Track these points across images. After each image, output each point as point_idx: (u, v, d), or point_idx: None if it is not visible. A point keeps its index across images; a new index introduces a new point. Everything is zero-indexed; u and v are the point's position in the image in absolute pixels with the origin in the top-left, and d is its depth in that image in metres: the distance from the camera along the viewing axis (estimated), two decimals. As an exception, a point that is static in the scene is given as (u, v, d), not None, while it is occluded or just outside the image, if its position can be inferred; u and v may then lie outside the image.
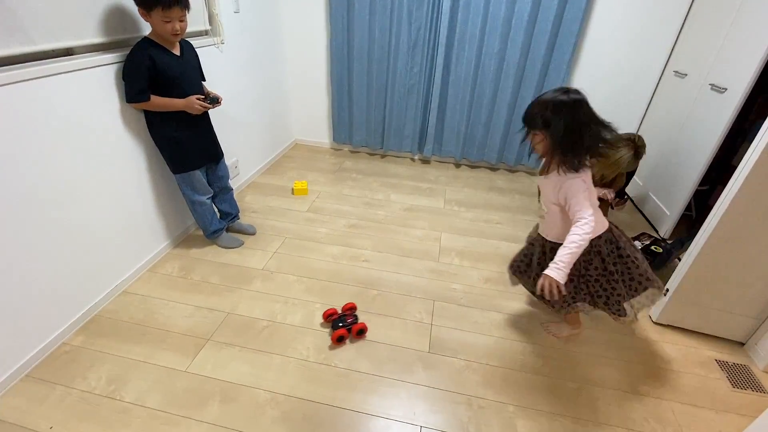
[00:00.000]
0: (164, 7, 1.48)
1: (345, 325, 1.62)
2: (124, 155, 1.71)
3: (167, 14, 1.50)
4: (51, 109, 1.39)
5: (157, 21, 1.51)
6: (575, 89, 1.22)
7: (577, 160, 1.23)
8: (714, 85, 2.15)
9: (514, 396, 1.44)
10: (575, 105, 1.20)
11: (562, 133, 1.20)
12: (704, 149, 2.17)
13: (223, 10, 2.26)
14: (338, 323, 1.63)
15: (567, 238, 1.24)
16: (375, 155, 3.48)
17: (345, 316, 1.67)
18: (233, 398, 1.37)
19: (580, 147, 1.22)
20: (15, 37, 1.28)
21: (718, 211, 1.53)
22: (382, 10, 2.79)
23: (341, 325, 1.61)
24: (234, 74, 2.47)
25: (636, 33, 2.65)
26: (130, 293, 1.80)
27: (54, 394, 1.36)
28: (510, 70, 2.82)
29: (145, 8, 1.49)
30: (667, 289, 1.74)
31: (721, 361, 1.64)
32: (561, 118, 1.19)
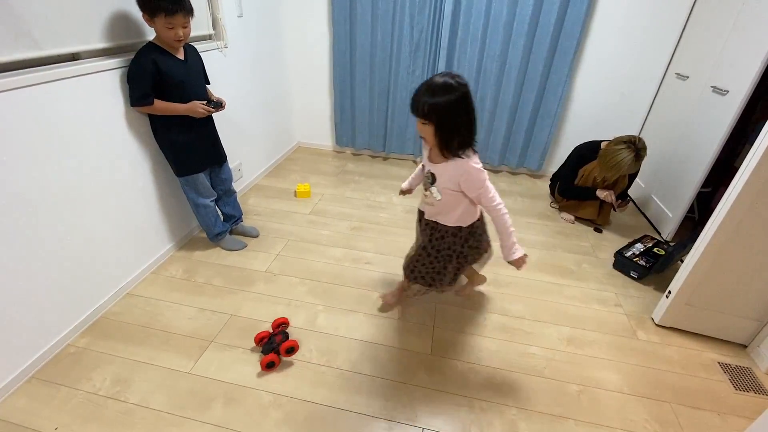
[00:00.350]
0: (168, 13, 1.50)
1: (273, 347, 1.49)
2: (129, 158, 1.73)
3: (170, 21, 1.52)
4: (58, 113, 1.41)
5: (161, 27, 1.53)
6: (459, 75, 1.22)
7: (470, 142, 1.28)
8: (716, 88, 2.16)
9: (517, 398, 1.44)
10: (465, 91, 1.20)
11: (455, 117, 1.20)
12: (706, 151, 2.17)
13: (227, 15, 2.28)
14: (268, 347, 1.50)
15: (501, 225, 1.42)
16: (377, 158, 3.49)
17: (274, 335, 1.53)
18: (236, 400, 1.38)
19: (471, 129, 1.26)
20: (22, 42, 1.30)
21: (719, 213, 1.53)
22: (384, 14, 2.81)
23: (271, 348, 1.49)
24: (237, 78, 2.49)
25: (637, 35, 2.66)
26: (135, 295, 1.81)
27: (59, 396, 1.37)
28: (512, 73, 2.83)
29: (149, 14, 1.51)
30: (669, 291, 1.74)
31: (723, 363, 1.64)
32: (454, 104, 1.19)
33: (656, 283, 2.07)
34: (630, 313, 1.86)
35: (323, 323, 1.71)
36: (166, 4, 1.48)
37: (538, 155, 3.11)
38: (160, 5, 1.48)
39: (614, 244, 2.37)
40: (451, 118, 1.21)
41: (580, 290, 1.99)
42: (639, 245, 2.19)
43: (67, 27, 1.43)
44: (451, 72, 1.25)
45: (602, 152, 2.29)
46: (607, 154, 2.23)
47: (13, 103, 1.26)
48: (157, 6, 1.48)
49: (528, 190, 3.04)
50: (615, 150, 2.20)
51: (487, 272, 2.06)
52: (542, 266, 2.15)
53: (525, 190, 3.03)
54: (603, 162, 2.26)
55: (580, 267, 2.17)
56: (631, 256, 2.10)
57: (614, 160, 2.19)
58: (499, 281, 2.02)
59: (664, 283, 1.96)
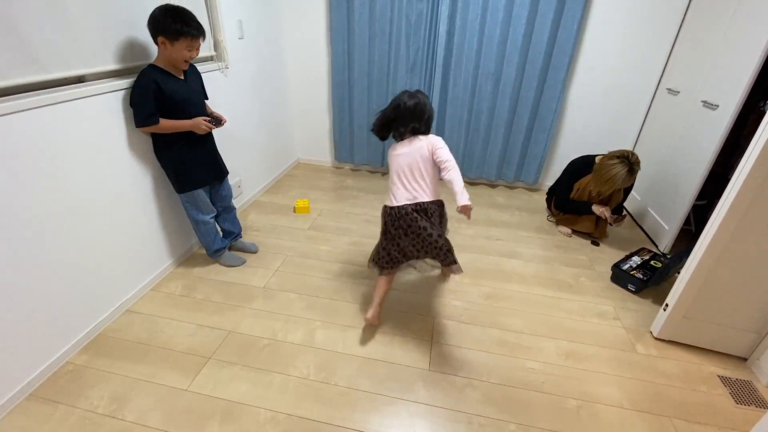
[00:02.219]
0: (193, 37, 1.60)
1: None
2: (131, 176, 1.77)
3: (193, 43, 1.62)
4: (63, 133, 1.45)
5: (179, 50, 1.60)
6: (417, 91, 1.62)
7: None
8: (706, 102, 2.20)
9: (515, 414, 1.43)
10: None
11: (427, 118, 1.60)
12: (699, 164, 2.20)
13: (228, 37, 2.35)
14: None
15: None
16: (376, 173, 3.53)
17: None
18: (234, 417, 1.38)
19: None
20: (31, 67, 1.35)
21: (713, 224, 1.55)
22: (381, 33, 2.89)
23: None
24: (238, 97, 2.55)
25: (629, 52, 2.72)
26: (134, 312, 1.82)
27: (57, 414, 1.37)
28: (506, 90, 2.89)
29: (171, 38, 1.57)
30: (667, 304, 1.74)
31: (723, 377, 1.63)
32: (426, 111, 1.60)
33: (654, 296, 2.08)
34: (628, 327, 1.86)
35: (321, 339, 1.71)
36: (192, 29, 1.58)
37: (534, 169, 3.15)
38: (184, 30, 1.57)
39: (611, 257, 2.38)
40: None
41: (578, 304, 1.99)
42: (636, 258, 2.20)
43: (73, 51, 1.48)
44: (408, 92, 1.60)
45: (596, 167, 2.33)
46: (601, 168, 2.26)
47: (22, 124, 1.30)
48: (181, 31, 1.56)
49: (525, 204, 3.06)
50: (609, 165, 2.23)
51: (486, 288, 2.08)
52: (540, 280, 2.16)
53: (522, 204, 3.06)
54: (597, 177, 2.30)
55: (577, 280, 2.17)
56: (629, 269, 2.11)
57: (608, 174, 2.22)
58: (497, 295, 2.02)
59: (661, 296, 1.97)
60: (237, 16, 2.43)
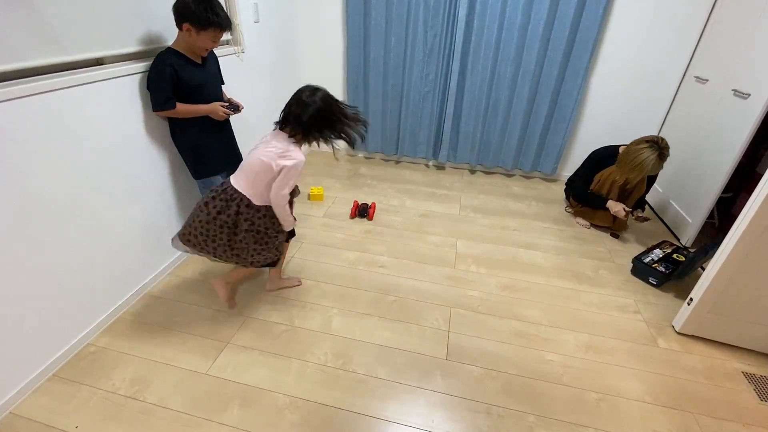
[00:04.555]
0: (222, 28, 1.58)
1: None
2: (148, 161, 1.76)
3: (218, 35, 1.60)
4: (82, 116, 1.44)
5: (204, 39, 1.58)
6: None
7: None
8: (737, 91, 2.12)
9: (535, 405, 1.42)
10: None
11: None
12: (727, 156, 2.12)
13: (244, 20, 2.31)
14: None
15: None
16: (389, 161, 3.50)
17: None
18: (253, 402, 1.38)
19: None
20: (50, 48, 1.33)
21: (744, 219, 1.50)
22: (398, 18, 2.82)
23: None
24: (254, 82, 2.52)
25: (655, 38, 2.62)
26: (153, 296, 1.83)
27: (80, 394, 1.39)
28: (526, 77, 2.82)
29: (200, 27, 1.54)
30: (691, 298, 1.70)
31: (748, 373, 1.60)
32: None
33: (676, 290, 2.03)
34: (649, 321, 1.83)
35: (338, 326, 1.71)
36: (222, 20, 1.57)
37: (553, 159, 3.09)
38: (215, 21, 1.54)
39: (632, 249, 2.33)
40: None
41: (598, 296, 1.96)
42: (658, 251, 2.15)
43: (92, 33, 1.46)
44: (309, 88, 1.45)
45: (623, 153, 2.25)
46: (629, 153, 2.19)
47: (40, 107, 1.29)
48: (211, 21, 1.54)
49: (542, 194, 3.01)
50: (637, 150, 2.15)
51: (504, 279, 2.05)
52: (558, 271, 2.13)
53: (539, 195, 3.01)
54: (625, 162, 2.21)
55: (597, 273, 2.13)
56: (650, 262, 2.07)
57: (637, 159, 2.14)
58: (515, 286, 2.00)
59: (683, 290, 1.93)
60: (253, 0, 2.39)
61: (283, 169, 1.43)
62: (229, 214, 1.47)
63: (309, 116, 1.41)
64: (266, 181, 1.46)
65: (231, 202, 1.47)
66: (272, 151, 1.44)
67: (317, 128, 1.44)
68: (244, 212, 1.48)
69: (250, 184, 1.47)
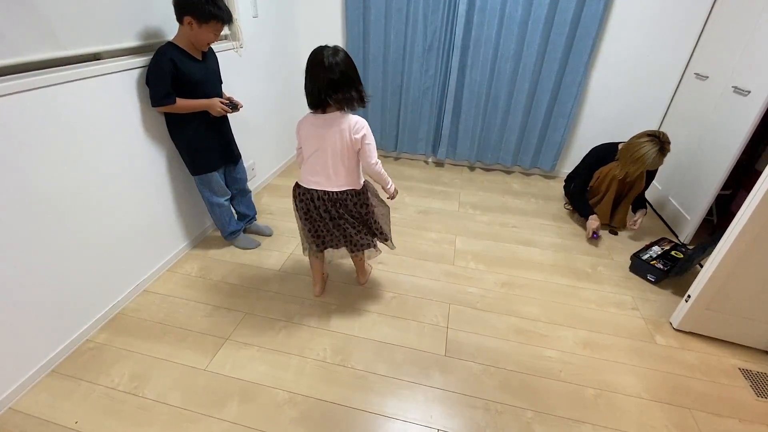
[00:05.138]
0: (223, 22, 1.58)
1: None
2: (146, 157, 1.75)
3: (219, 28, 1.59)
4: (79, 111, 1.43)
5: (205, 32, 1.57)
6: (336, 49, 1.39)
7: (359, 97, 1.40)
8: (737, 88, 2.11)
9: (533, 401, 1.43)
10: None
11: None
12: (727, 153, 2.12)
13: (243, 15, 2.30)
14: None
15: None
16: (388, 157, 3.49)
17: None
18: (252, 397, 1.39)
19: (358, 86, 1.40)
20: (47, 43, 1.32)
21: (742, 216, 1.50)
22: (397, 14, 2.81)
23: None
24: (252, 78, 2.50)
25: (655, 34, 2.61)
26: (151, 292, 1.83)
27: (79, 390, 1.39)
28: (526, 73, 2.81)
29: (201, 20, 1.53)
30: (689, 295, 1.71)
31: (744, 369, 1.60)
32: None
33: (674, 286, 2.04)
34: (647, 317, 1.83)
35: (337, 322, 1.71)
36: (223, 13, 1.56)
37: (552, 156, 3.08)
38: (216, 13, 1.54)
39: (630, 246, 2.33)
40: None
41: (596, 293, 1.97)
42: (656, 248, 2.16)
43: (89, 28, 1.45)
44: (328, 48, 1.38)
45: (624, 146, 2.25)
46: (630, 147, 2.18)
47: (37, 102, 1.28)
48: (213, 14, 1.53)
49: (541, 191, 3.01)
50: (639, 143, 2.15)
51: (503, 275, 2.05)
52: (557, 268, 2.13)
53: (538, 191, 3.01)
54: (625, 156, 2.20)
55: (595, 269, 2.14)
56: (648, 259, 2.07)
57: (638, 153, 2.13)
58: (514, 283, 2.00)
59: (681, 287, 1.93)
60: (251, -6, 2.37)
61: (363, 140, 1.43)
62: (347, 211, 1.54)
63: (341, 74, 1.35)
64: (356, 162, 1.49)
65: (340, 202, 1.52)
66: (339, 135, 1.41)
67: (353, 87, 1.38)
68: (358, 201, 1.54)
69: (345, 174, 1.48)
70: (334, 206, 1.52)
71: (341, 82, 1.35)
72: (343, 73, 1.34)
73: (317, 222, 1.58)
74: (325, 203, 1.52)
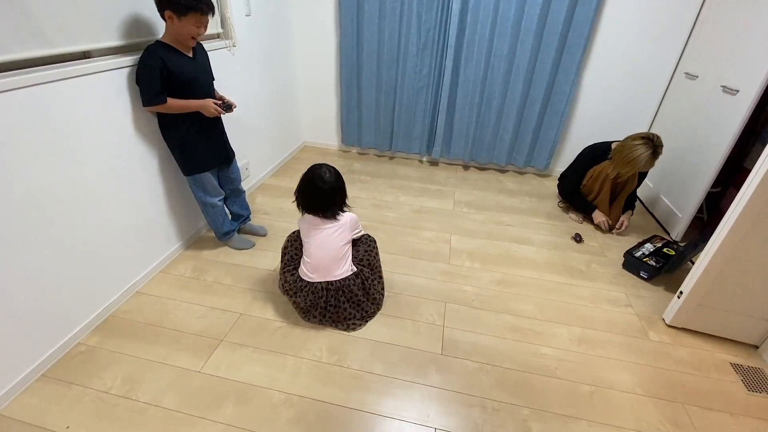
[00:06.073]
0: (202, 12, 1.54)
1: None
2: (137, 157, 1.73)
3: (201, 19, 1.56)
4: (69, 110, 1.41)
5: (187, 26, 1.54)
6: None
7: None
8: (726, 87, 2.14)
9: (529, 398, 1.43)
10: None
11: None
12: (716, 152, 2.15)
13: (235, 14, 2.28)
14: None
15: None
16: (383, 157, 3.49)
17: None
18: (248, 399, 1.38)
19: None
20: (35, 41, 1.30)
21: (732, 213, 1.52)
22: (391, 13, 2.80)
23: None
24: (245, 77, 2.48)
25: (646, 34, 2.64)
26: (144, 294, 1.81)
27: (70, 394, 1.37)
28: (519, 72, 2.82)
29: (179, 12, 1.50)
30: (681, 291, 1.73)
31: (735, 364, 1.63)
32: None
33: (666, 283, 2.06)
34: (641, 314, 1.85)
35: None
36: (201, 4, 1.52)
37: (546, 155, 3.10)
38: (193, 5, 1.51)
39: (623, 244, 2.35)
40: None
41: (590, 290, 1.98)
42: (649, 245, 2.18)
43: (79, 25, 1.43)
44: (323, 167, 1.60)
45: (618, 148, 2.28)
46: (624, 149, 2.21)
47: (25, 101, 1.26)
48: (189, 6, 1.50)
49: (535, 190, 3.03)
50: (632, 145, 2.18)
51: (498, 273, 2.06)
52: (551, 266, 2.14)
53: (532, 190, 3.02)
54: (619, 157, 2.24)
55: (589, 267, 2.16)
56: (641, 256, 2.09)
57: (631, 155, 2.17)
58: (509, 281, 2.01)
59: (673, 284, 1.96)
60: (244, -8, 2.35)
61: (355, 233, 1.73)
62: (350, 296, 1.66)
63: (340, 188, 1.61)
64: (349, 249, 1.68)
65: (344, 289, 1.63)
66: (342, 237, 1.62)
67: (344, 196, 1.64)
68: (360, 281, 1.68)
69: (346, 262, 1.65)
70: (335, 294, 1.63)
71: (338, 201, 1.62)
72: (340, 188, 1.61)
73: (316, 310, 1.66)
74: (329, 292, 1.63)
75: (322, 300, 1.62)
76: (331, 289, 1.61)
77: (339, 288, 1.62)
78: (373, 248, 1.78)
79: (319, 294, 1.61)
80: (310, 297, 1.62)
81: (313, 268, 1.61)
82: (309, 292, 1.62)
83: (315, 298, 1.62)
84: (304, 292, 1.62)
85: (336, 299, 1.63)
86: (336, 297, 1.63)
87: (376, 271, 1.77)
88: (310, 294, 1.62)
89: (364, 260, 1.72)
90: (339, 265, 1.62)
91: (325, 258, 1.60)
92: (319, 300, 1.62)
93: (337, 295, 1.62)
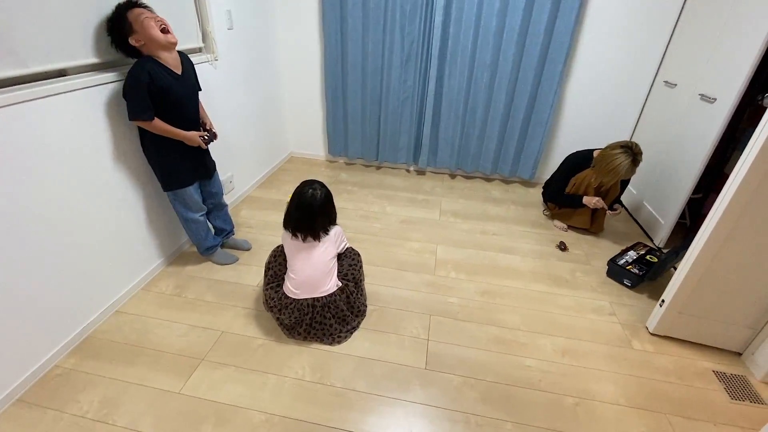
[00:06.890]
0: (142, 7, 1.52)
1: None
2: (116, 173, 1.71)
3: (144, 12, 1.51)
4: (45, 129, 1.39)
5: (140, 26, 1.49)
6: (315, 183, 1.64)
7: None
8: (703, 96, 2.18)
9: (513, 412, 1.42)
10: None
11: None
12: (696, 158, 2.19)
13: (217, 28, 2.28)
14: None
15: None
16: (370, 167, 3.49)
17: None
18: (227, 420, 1.35)
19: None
20: (8, 61, 1.28)
21: (711, 219, 1.54)
22: (375, 24, 2.82)
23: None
24: (229, 90, 2.48)
25: (626, 44, 2.69)
26: (124, 313, 1.78)
27: (46, 419, 1.34)
28: (502, 82, 2.85)
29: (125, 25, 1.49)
30: (663, 299, 1.74)
31: (718, 372, 1.64)
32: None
33: (650, 291, 2.08)
34: (624, 323, 1.86)
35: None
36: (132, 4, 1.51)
37: (531, 163, 3.13)
38: (127, 5, 1.50)
39: (607, 251, 2.37)
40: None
41: (575, 299, 1.99)
42: (632, 253, 2.20)
43: (53, 43, 1.41)
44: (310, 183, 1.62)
45: (598, 157, 2.30)
46: (604, 158, 2.24)
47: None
48: (126, 9, 1.49)
49: (521, 198, 3.04)
50: (612, 155, 2.20)
51: (483, 284, 2.06)
52: (536, 275, 2.15)
53: (518, 198, 3.04)
54: (600, 167, 2.27)
55: (573, 275, 2.17)
56: (624, 264, 2.11)
57: (612, 164, 2.20)
58: (494, 292, 2.01)
59: (657, 291, 1.97)
60: (226, 6, 2.35)
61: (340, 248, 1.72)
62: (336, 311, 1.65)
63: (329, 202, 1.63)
64: (335, 263, 1.68)
65: (329, 305, 1.63)
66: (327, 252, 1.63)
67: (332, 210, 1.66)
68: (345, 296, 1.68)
69: (331, 277, 1.64)
70: (321, 311, 1.62)
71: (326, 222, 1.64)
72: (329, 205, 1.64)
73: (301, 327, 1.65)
74: (314, 309, 1.62)
75: (307, 317, 1.61)
76: (317, 306, 1.60)
77: (325, 304, 1.60)
78: (358, 262, 1.77)
79: (304, 311, 1.60)
80: (296, 314, 1.60)
81: (299, 284, 1.60)
82: (294, 309, 1.60)
83: (300, 315, 1.60)
84: (289, 309, 1.61)
85: (322, 315, 1.61)
86: (322, 314, 1.61)
87: (360, 285, 1.76)
88: (295, 311, 1.60)
89: (349, 275, 1.71)
90: (325, 281, 1.61)
91: (312, 274, 1.59)
92: (305, 317, 1.60)
93: (323, 312, 1.61)
